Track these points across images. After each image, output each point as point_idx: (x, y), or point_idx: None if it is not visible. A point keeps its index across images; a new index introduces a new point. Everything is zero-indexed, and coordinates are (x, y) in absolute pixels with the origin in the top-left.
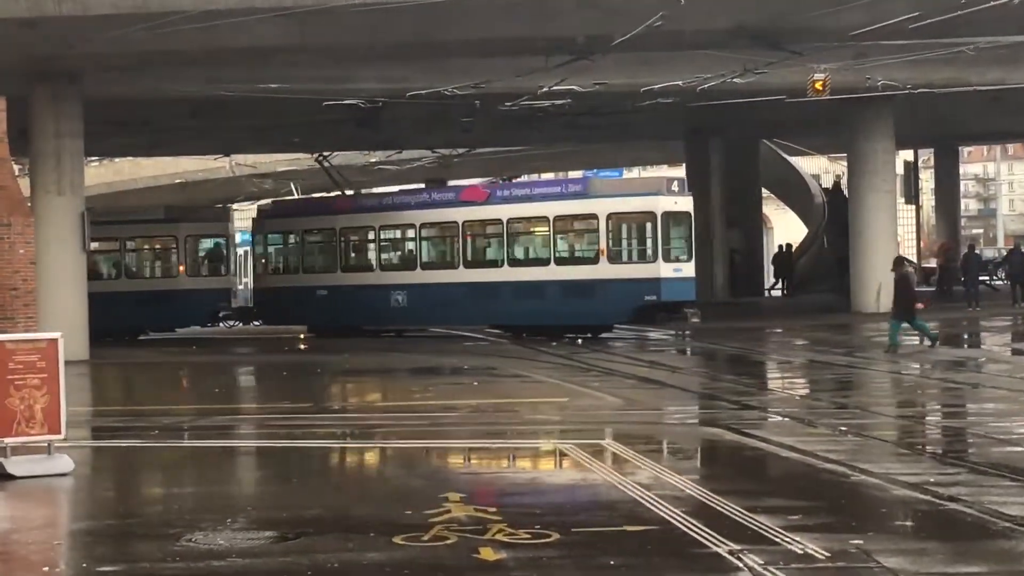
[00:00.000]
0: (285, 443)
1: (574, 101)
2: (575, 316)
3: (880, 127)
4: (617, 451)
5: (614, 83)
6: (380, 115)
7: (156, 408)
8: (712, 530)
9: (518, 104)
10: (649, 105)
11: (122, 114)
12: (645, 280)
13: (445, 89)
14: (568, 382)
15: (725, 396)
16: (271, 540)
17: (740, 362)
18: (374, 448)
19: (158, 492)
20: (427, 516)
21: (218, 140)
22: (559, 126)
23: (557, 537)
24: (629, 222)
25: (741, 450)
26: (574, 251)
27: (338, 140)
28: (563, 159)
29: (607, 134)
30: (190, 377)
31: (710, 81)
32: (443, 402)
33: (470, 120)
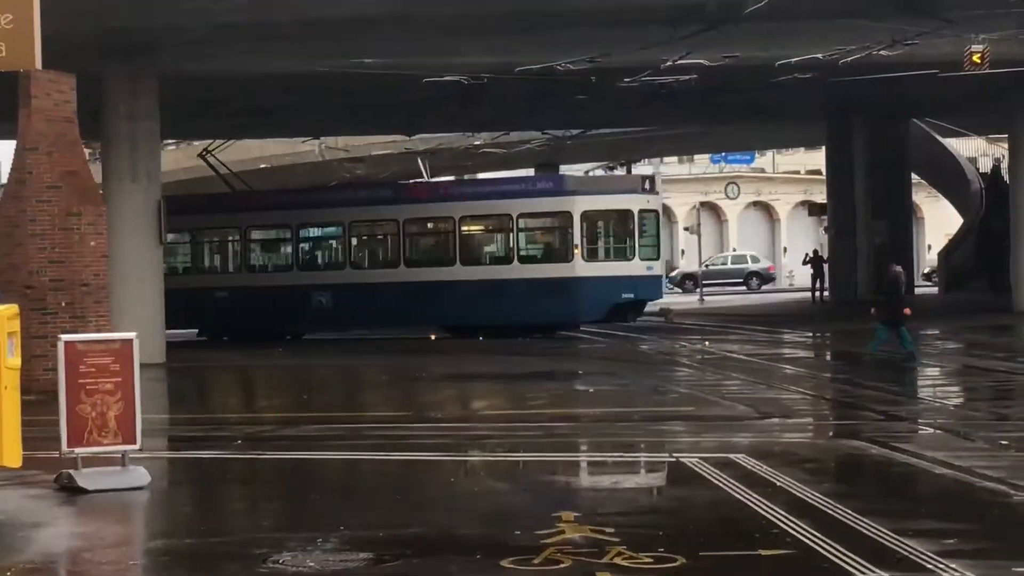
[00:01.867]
0: (381, 455)
1: (701, 77)
2: (547, 315)
3: None
4: (749, 466)
5: (746, 56)
6: (485, 93)
7: (238, 416)
8: (856, 555)
9: (639, 80)
10: (785, 81)
11: (202, 93)
12: (623, 278)
13: (558, 64)
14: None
15: (869, 405)
16: (367, 562)
17: (885, 367)
18: (479, 461)
19: (241, 508)
20: (538, 537)
21: (307, 121)
22: (685, 105)
23: (683, 562)
24: (606, 220)
25: (888, 466)
26: (546, 249)
27: (439, 120)
28: (688, 141)
29: (738, 113)
30: (275, 382)
31: (854, 54)
32: (556, 411)
33: (585, 98)
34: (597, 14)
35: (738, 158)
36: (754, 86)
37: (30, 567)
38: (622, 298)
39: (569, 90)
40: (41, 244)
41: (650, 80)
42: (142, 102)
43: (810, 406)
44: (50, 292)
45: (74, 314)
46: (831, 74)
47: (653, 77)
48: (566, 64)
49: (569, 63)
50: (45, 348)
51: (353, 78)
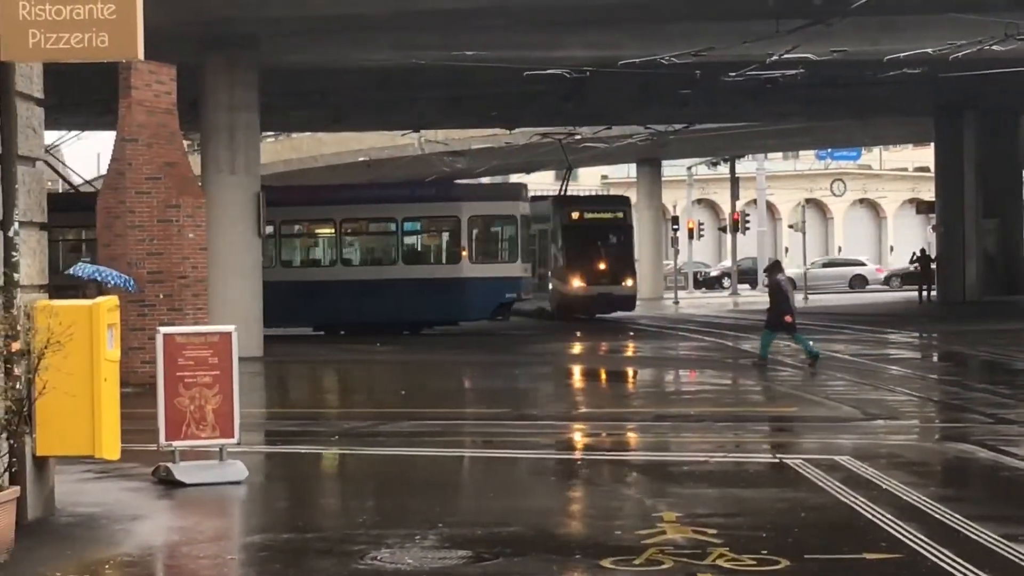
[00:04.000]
0: (480, 452)
1: (808, 71)
2: (434, 314)
3: None
4: (854, 468)
5: (854, 51)
6: (587, 86)
7: (336, 411)
8: (965, 560)
9: (744, 74)
10: (894, 76)
11: (301, 85)
12: (507, 279)
13: (661, 57)
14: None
15: (978, 408)
16: (465, 560)
17: (995, 369)
18: (580, 460)
19: (338, 504)
20: (639, 537)
21: (406, 114)
22: (790, 100)
23: (787, 564)
24: (492, 224)
25: (998, 470)
26: (434, 250)
27: (540, 114)
28: (794, 136)
29: (845, 109)
30: (374, 377)
31: (965, 48)
32: (656, 409)
33: (689, 92)
34: (701, 7)
35: (844, 154)
36: (861, 81)
37: (127, 560)
38: (505, 297)
39: (672, 84)
40: (140, 236)
41: (755, 74)
42: (241, 93)
43: (916, 408)
44: (148, 284)
45: (172, 306)
46: (941, 69)
47: (758, 71)
48: (669, 58)
49: (672, 56)
50: (143, 340)
51: (453, 71)
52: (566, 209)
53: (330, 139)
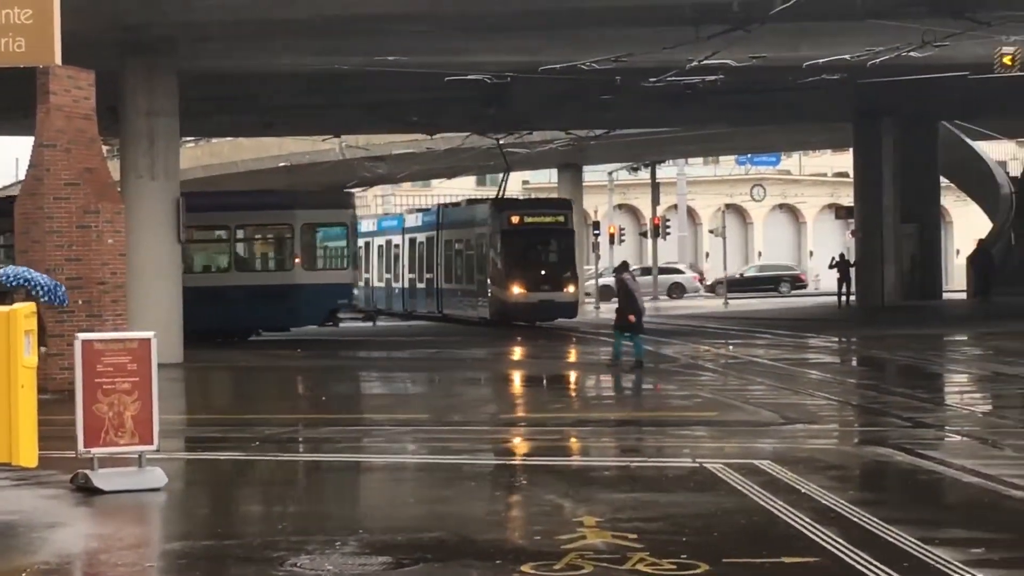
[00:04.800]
0: (401, 457)
1: (727, 77)
2: (267, 320)
3: None
4: (773, 472)
5: (773, 57)
6: (508, 92)
7: (256, 417)
8: (882, 564)
9: (664, 80)
10: (813, 82)
11: (221, 90)
12: (339, 286)
13: (582, 63)
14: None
15: (896, 412)
16: (386, 566)
17: (913, 373)
18: (502, 465)
19: (259, 510)
20: (560, 542)
21: (328, 119)
22: (710, 105)
23: (706, 568)
24: (323, 232)
25: (915, 473)
26: (267, 258)
27: (461, 119)
28: (714, 142)
29: (764, 115)
30: (295, 383)
31: (883, 55)
32: (576, 415)
33: (609, 98)
34: (621, 13)
35: (764, 160)
36: (780, 87)
37: (45, 568)
38: (337, 303)
39: (593, 90)
40: (58, 242)
41: (675, 80)
42: (160, 99)
43: (835, 412)
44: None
45: (91, 312)
46: (859, 75)
47: (678, 77)
48: (590, 63)
49: (593, 62)
50: (61, 347)
51: (374, 76)
52: (505, 213)
53: (250, 144)
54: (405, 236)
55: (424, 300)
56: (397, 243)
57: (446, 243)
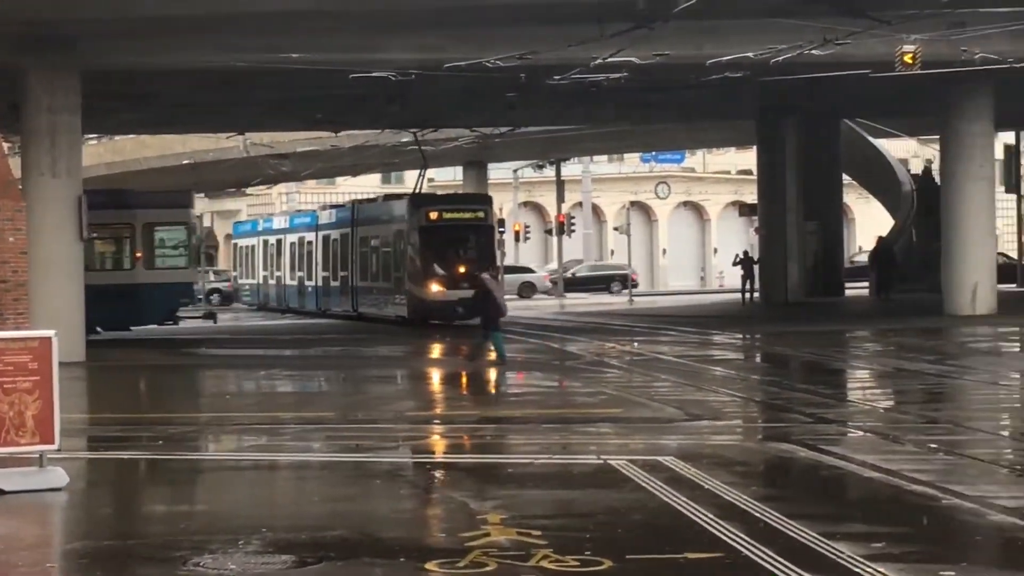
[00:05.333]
0: (306, 456)
1: (631, 75)
2: (109, 319)
3: (977, 106)
4: (677, 468)
5: (677, 55)
6: (413, 90)
7: (160, 416)
8: (784, 559)
9: (568, 78)
10: (716, 80)
11: (125, 87)
12: (180, 284)
13: (486, 61)
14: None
15: (799, 408)
16: (288, 565)
17: (816, 370)
18: (405, 462)
19: (162, 510)
20: (464, 539)
21: (231, 117)
22: (615, 103)
23: (610, 565)
24: (165, 231)
25: (817, 469)
26: (109, 257)
27: (365, 117)
28: (618, 139)
29: (669, 113)
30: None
31: (785, 53)
32: (482, 412)
33: (514, 96)
34: (525, 10)
35: (668, 157)
36: (684, 85)
37: None
38: (179, 302)
39: (498, 88)
40: None
41: (579, 78)
42: (62, 96)
43: (739, 408)
44: None
45: None
46: (762, 73)
47: (582, 75)
48: (495, 61)
49: (498, 60)
50: None
51: (277, 73)
52: (423, 209)
53: (154, 142)
54: (319, 233)
55: (339, 298)
56: (310, 240)
57: (361, 240)
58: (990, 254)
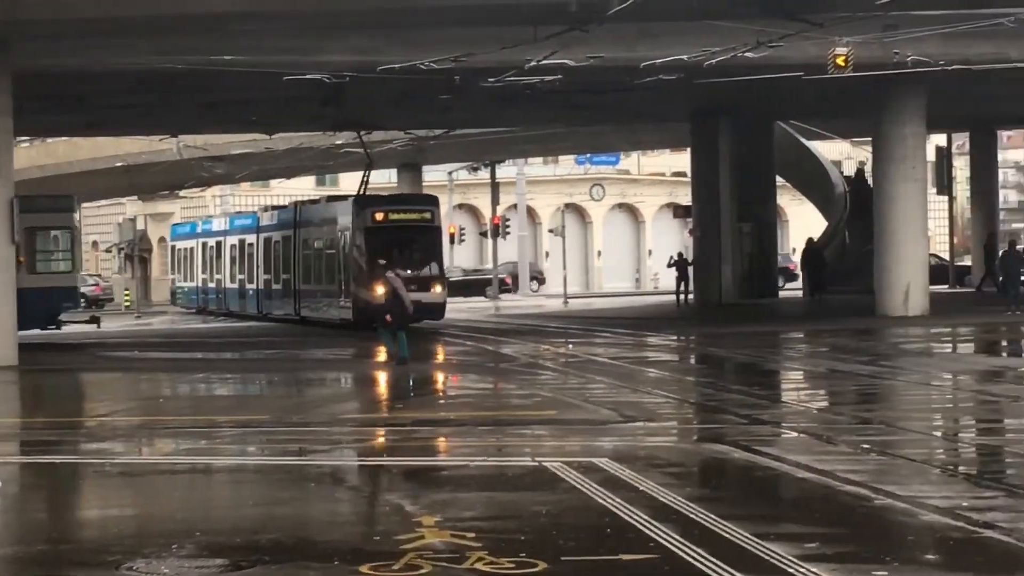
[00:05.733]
0: (240, 459)
1: (566, 77)
2: None
3: (909, 108)
4: (612, 470)
5: (611, 57)
6: (347, 92)
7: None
8: (718, 559)
9: (503, 80)
10: (650, 82)
11: (56, 89)
12: (63, 288)
13: (420, 63)
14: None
15: (733, 409)
16: (223, 568)
17: (750, 371)
18: (340, 465)
19: (95, 514)
20: (398, 542)
21: (165, 119)
22: (549, 105)
23: (544, 567)
24: (47, 235)
25: (751, 470)
26: None
27: (300, 120)
28: (554, 142)
29: (603, 115)
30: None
31: (719, 55)
32: (417, 415)
33: (449, 98)
34: (459, 12)
35: (603, 159)
36: (619, 87)
37: None
38: (62, 306)
39: (432, 90)
40: None
41: (514, 80)
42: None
43: (674, 409)
44: None
45: None
46: (696, 76)
47: (517, 77)
48: (429, 63)
49: (432, 62)
50: None
51: (211, 76)
52: (368, 210)
53: (87, 144)
54: (260, 235)
55: (281, 302)
56: (251, 242)
57: (304, 242)
58: (922, 255)
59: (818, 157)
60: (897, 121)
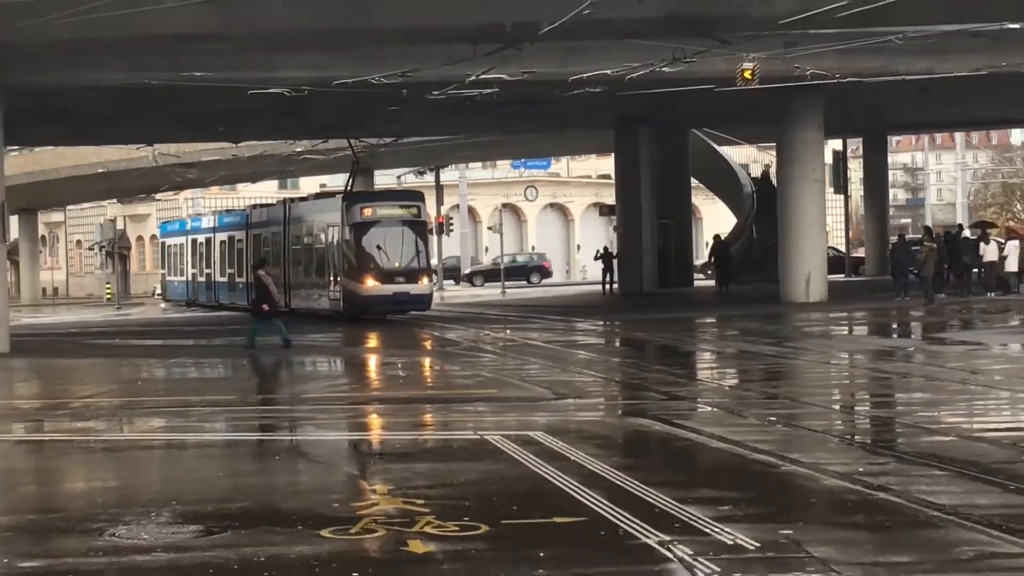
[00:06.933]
0: (211, 436)
1: (502, 90)
2: None
3: (809, 116)
4: (546, 442)
5: (543, 72)
6: (305, 104)
7: (80, 401)
8: (642, 521)
9: (446, 93)
10: (578, 94)
11: (42, 103)
12: None
13: (372, 78)
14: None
15: (654, 387)
16: (196, 534)
17: (669, 352)
18: (303, 440)
19: (81, 487)
20: (355, 509)
21: (141, 129)
22: (488, 115)
23: (486, 529)
24: None
25: (670, 441)
26: None
27: (263, 129)
28: (491, 148)
29: (536, 123)
30: (117, 371)
31: (639, 70)
32: (370, 393)
33: (397, 109)
34: (406, 32)
35: (536, 163)
36: (550, 99)
37: None
38: None
39: (383, 102)
40: None
41: (456, 93)
42: None
43: (601, 387)
44: None
45: None
46: (618, 88)
47: (458, 90)
48: (379, 78)
49: (382, 77)
50: None
51: (182, 90)
52: (357, 206)
53: (70, 152)
54: (250, 231)
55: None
56: (241, 238)
57: (295, 237)
58: (821, 248)
59: (728, 160)
60: (798, 128)
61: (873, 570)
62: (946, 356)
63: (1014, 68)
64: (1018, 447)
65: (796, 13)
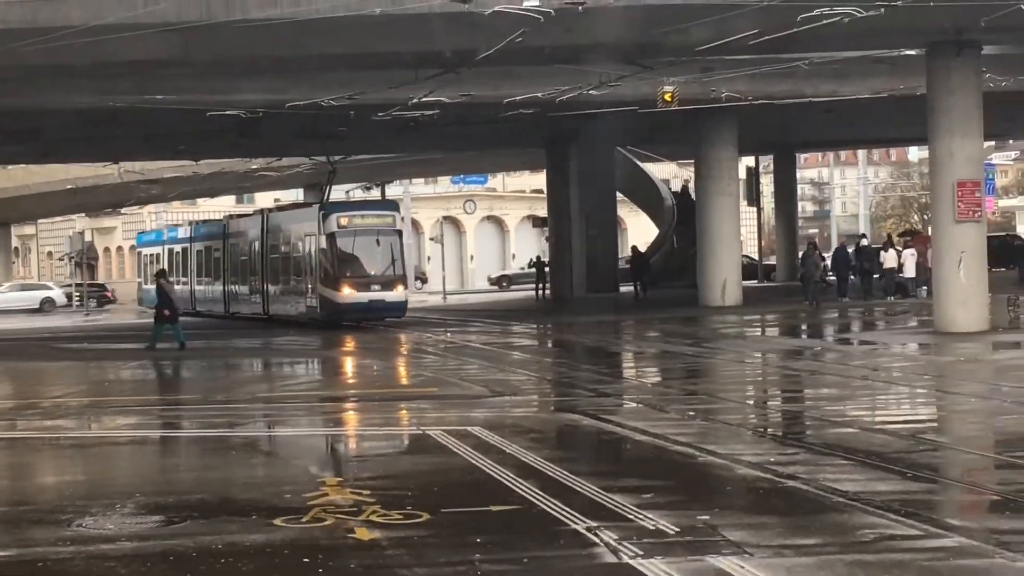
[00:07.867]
0: (172, 432)
1: (442, 112)
2: None
3: (724, 135)
4: (483, 436)
5: (479, 95)
6: (260, 125)
7: (48, 401)
8: (571, 509)
9: (390, 114)
10: (512, 115)
11: (12, 124)
12: None
13: (321, 100)
14: (440, 374)
15: (583, 384)
16: (158, 524)
17: (597, 353)
18: (256, 436)
19: (51, 480)
20: (306, 499)
21: (107, 148)
22: (429, 135)
23: (427, 517)
24: None
25: (598, 434)
26: None
27: (221, 148)
28: (433, 165)
29: (474, 142)
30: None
31: (568, 93)
32: (319, 392)
33: (345, 129)
34: (353, 59)
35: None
36: (486, 119)
37: None
38: None
39: (332, 122)
40: None
41: (399, 114)
42: None
43: (534, 385)
44: None
45: None
46: (549, 110)
47: (402, 112)
48: (328, 100)
49: (331, 100)
50: None
51: (146, 112)
52: (334, 216)
53: (40, 170)
54: (227, 240)
55: (249, 301)
56: (218, 247)
57: (272, 247)
58: (736, 256)
59: (650, 176)
60: (714, 146)
61: (783, 551)
62: (850, 355)
63: (911, 91)
64: (915, 438)
65: (712, 40)
